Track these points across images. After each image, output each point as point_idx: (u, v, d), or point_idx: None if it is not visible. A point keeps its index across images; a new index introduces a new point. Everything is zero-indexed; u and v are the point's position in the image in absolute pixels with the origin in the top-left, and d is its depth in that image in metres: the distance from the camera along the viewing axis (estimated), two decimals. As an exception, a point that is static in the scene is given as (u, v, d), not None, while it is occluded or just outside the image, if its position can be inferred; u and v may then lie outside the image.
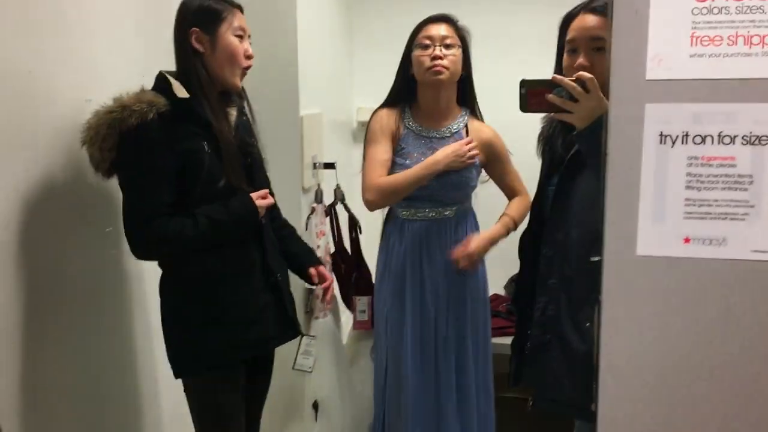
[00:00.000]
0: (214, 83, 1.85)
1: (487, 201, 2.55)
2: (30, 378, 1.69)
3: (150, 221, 1.74)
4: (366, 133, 2.41)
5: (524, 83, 1.57)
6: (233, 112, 1.96)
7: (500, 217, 2.42)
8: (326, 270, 2.20)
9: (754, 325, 1.13)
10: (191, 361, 1.90)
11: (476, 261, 2.33)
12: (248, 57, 1.91)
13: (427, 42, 2.26)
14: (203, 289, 1.87)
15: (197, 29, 1.82)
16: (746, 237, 1.10)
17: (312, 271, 2.16)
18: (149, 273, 2.18)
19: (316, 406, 2.74)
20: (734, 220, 1.10)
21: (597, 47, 1.74)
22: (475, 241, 2.32)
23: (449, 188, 2.28)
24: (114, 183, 1.82)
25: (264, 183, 2.05)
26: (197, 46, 1.82)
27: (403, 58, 2.38)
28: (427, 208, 2.33)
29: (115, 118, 1.69)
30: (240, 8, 1.91)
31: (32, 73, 1.67)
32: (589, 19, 1.77)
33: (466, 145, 2.27)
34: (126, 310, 2.14)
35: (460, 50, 2.29)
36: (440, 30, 2.27)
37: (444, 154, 2.26)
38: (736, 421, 1.16)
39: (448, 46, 2.26)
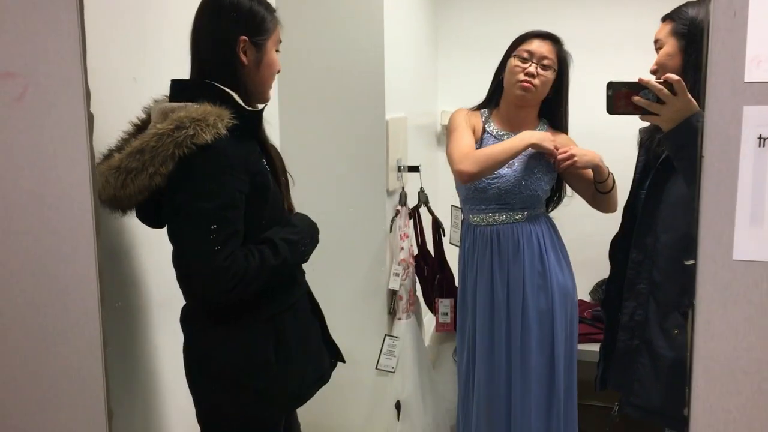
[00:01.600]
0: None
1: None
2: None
3: (228, 255, 1.47)
4: (449, 124, 2.43)
5: (611, 85, 1.57)
6: None
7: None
8: None
9: None
10: (258, 413, 1.64)
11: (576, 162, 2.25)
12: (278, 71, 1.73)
13: (526, 56, 2.26)
14: (275, 324, 1.65)
15: (246, 38, 1.58)
16: None
17: None
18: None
19: (398, 406, 2.77)
20: (837, 225, 1.08)
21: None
22: (578, 148, 2.27)
23: (521, 190, 2.27)
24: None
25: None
26: (242, 57, 1.59)
27: (500, 65, 2.38)
28: (497, 213, 2.32)
29: (187, 135, 1.44)
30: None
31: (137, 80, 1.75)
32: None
33: (560, 149, 2.25)
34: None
35: (554, 73, 2.28)
36: (542, 48, 2.26)
37: (538, 134, 2.26)
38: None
39: (544, 67, 2.25)
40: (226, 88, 1.55)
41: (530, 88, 2.25)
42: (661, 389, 1.85)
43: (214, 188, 1.48)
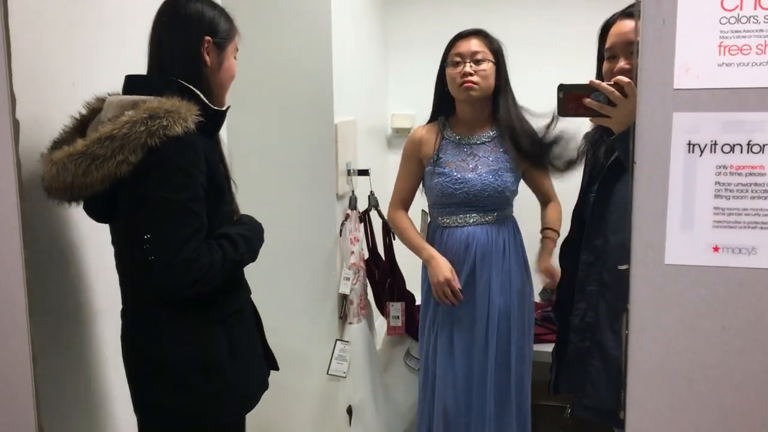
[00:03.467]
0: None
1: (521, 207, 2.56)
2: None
3: (195, 248, 1.47)
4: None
5: (562, 88, 1.57)
6: None
7: (543, 230, 2.43)
8: None
9: (785, 335, 1.12)
10: (208, 417, 1.62)
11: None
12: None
13: (458, 59, 2.30)
14: (226, 326, 1.64)
15: (210, 39, 1.61)
16: (776, 246, 1.09)
17: None
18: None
19: (350, 411, 2.76)
20: (764, 228, 1.10)
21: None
22: (548, 270, 2.36)
23: (489, 192, 2.30)
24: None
25: None
26: (206, 57, 1.61)
27: (438, 74, 2.41)
28: (467, 214, 2.35)
29: (161, 125, 1.43)
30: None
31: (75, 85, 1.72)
32: (627, 25, 1.78)
33: (453, 286, 2.32)
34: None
35: (491, 64, 2.30)
36: (470, 45, 2.30)
37: (436, 270, 2.34)
38: (765, 429, 1.15)
39: (478, 62, 2.28)
40: (191, 86, 1.56)
41: (472, 87, 2.28)
42: (613, 390, 1.87)
43: (183, 180, 1.48)
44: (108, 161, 1.42)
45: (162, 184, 1.46)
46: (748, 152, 1.08)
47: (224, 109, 1.67)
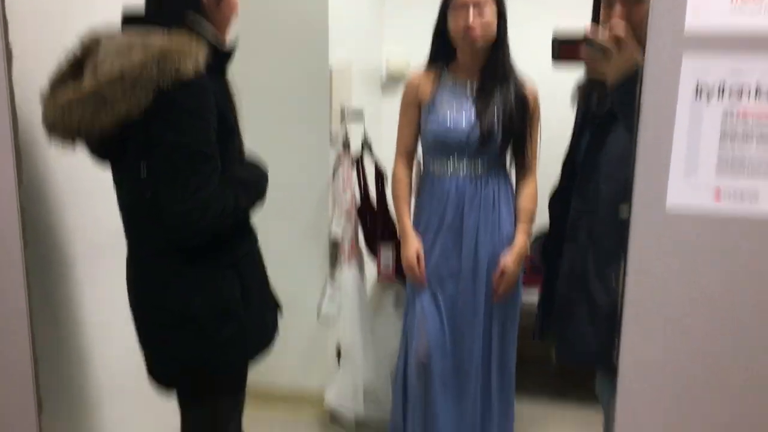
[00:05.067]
0: None
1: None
2: None
3: (211, 192, 1.44)
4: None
5: (557, 36, 1.54)
6: None
7: (518, 217, 2.39)
8: None
9: (782, 284, 1.12)
10: (225, 363, 1.61)
11: (514, 281, 2.35)
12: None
13: (460, 6, 2.22)
14: (238, 270, 1.60)
15: None
16: (779, 194, 1.08)
17: None
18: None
19: (339, 353, 2.78)
20: (767, 177, 1.09)
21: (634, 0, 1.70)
22: (509, 265, 2.33)
23: (474, 141, 2.27)
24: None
25: None
26: None
27: (438, 18, 2.34)
28: (458, 163, 2.32)
29: (174, 67, 1.37)
30: None
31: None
32: None
33: (418, 267, 2.34)
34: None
35: (493, 10, 2.24)
36: None
37: (404, 249, 2.37)
38: (758, 377, 1.17)
39: (480, 7, 2.21)
40: (202, 19, 1.49)
41: (476, 38, 2.22)
42: (598, 338, 1.89)
43: (197, 124, 1.43)
44: (118, 104, 1.37)
45: (175, 128, 1.41)
46: (756, 99, 1.07)
47: (231, 48, 1.60)
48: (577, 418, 2.90)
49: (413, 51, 2.65)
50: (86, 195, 1.93)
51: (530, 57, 2.35)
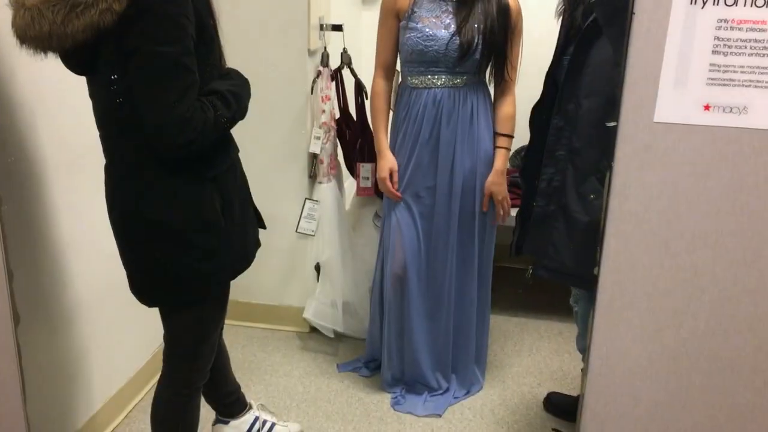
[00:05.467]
0: None
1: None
2: None
3: (189, 106, 1.38)
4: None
5: None
6: None
7: (497, 139, 2.36)
8: None
9: (765, 195, 1.13)
10: (207, 275, 1.58)
11: (505, 199, 2.36)
12: None
13: None
14: (219, 183, 1.57)
15: None
16: (768, 105, 1.08)
17: None
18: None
19: (318, 268, 2.79)
20: (758, 87, 1.08)
21: None
22: (494, 187, 2.32)
23: (453, 53, 2.22)
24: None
25: None
26: None
27: None
28: (436, 75, 2.28)
29: None
30: None
31: None
32: None
33: (389, 180, 2.35)
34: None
35: None
36: None
37: (379, 166, 2.38)
38: (734, 288, 1.19)
39: None
40: None
41: None
42: (574, 252, 1.91)
43: (174, 32, 1.34)
44: (90, 9, 1.28)
45: (152, 37, 1.33)
46: (751, 6, 1.04)
47: None
48: (549, 329, 2.98)
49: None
50: (58, 107, 1.88)
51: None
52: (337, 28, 2.71)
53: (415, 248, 2.38)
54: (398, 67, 2.44)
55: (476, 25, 2.20)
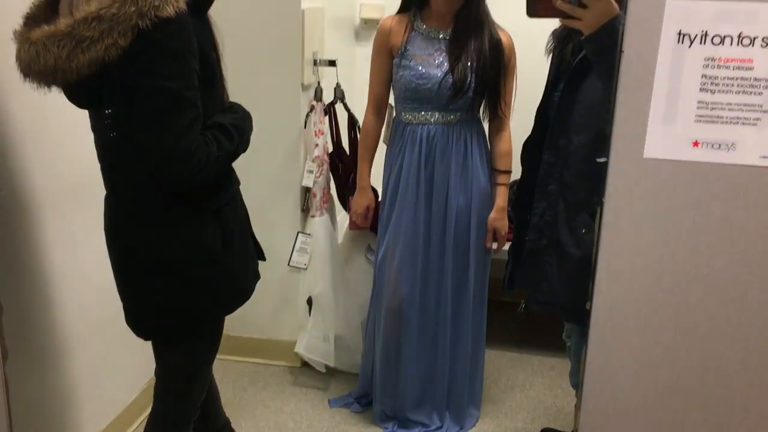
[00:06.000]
0: None
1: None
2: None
3: (193, 139, 1.39)
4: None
5: None
6: None
7: (496, 176, 2.38)
8: None
9: (754, 231, 1.13)
10: (205, 309, 1.59)
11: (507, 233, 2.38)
12: None
13: None
14: (220, 216, 1.57)
15: None
16: (756, 142, 1.09)
17: None
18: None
19: (309, 302, 2.78)
20: (746, 124, 1.09)
21: None
22: (497, 223, 2.34)
23: (446, 91, 2.23)
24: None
25: None
26: None
27: None
28: (430, 112, 2.30)
29: (153, 5, 1.29)
30: None
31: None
32: None
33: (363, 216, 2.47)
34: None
35: None
36: None
37: (358, 203, 2.49)
38: (726, 323, 1.19)
39: None
40: None
41: None
42: (567, 286, 1.92)
43: (178, 67, 1.36)
44: (96, 44, 1.29)
45: (155, 71, 1.35)
46: (738, 45, 1.06)
47: None
48: (542, 364, 2.96)
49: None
50: (52, 138, 1.88)
51: (504, 5, 2.31)
52: (331, 63, 2.73)
53: (411, 283, 2.37)
54: (392, 101, 2.46)
55: (469, 64, 2.22)
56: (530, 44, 2.30)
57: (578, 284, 1.85)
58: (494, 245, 2.38)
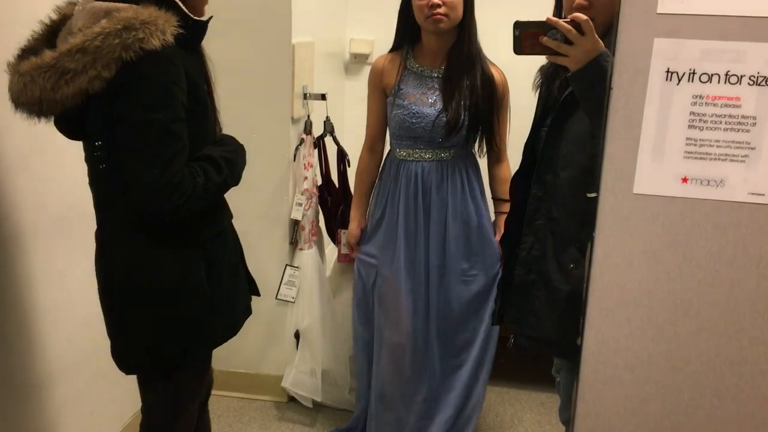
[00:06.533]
0: None
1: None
2: None
3: (177, 172, 1.39)
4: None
5: (518, 25, 1.52)
6: None
7: (495, 200, 2.40)
8: None
9: (744, 267, 1.14)
10: (191, 343, 1.58)
11: None
12: None
13: None
14: (207, 250, 1.56)
15: None
16: (745, 179, 1.10)
17: None
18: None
19: (297, 335, 2.76)
20: (734, 161, 1.10)
21: None
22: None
23: (440, 129, 2.25)
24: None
25: None
26: None
27: (402, 2, 2.31)
28: (424, 149, 2.31)
29: (137, 38, 1.31)
30: None
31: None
32: None
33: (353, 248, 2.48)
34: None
35: None
36: None
37: (351, 230, 2.48)
38: (718, 360, 1.18)
39: None
40: None
41: (441, 19, 2.18)
42: (556, 322, 1.91)
43: (163, 99, 1.37)
44: (79, 76, 1.31)
45: (140, 104, 1.36)
46: (725, 83, 1.07)
47: (206, 19, 1.53)
48: (531, 400, 2.94)
49: (377, 31, 2.60)
50: (38, 167, 1.87)
51: (493, 42, 2.34)
52: (321, 97, 2.75)
53: (409, 321, 2.36)
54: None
55: (462, 102, 2.24)
56: (518, 80, 2.33)
57: (567, 319, 1.85)
58: None
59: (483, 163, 2.45)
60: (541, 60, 1.88)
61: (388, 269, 2.37)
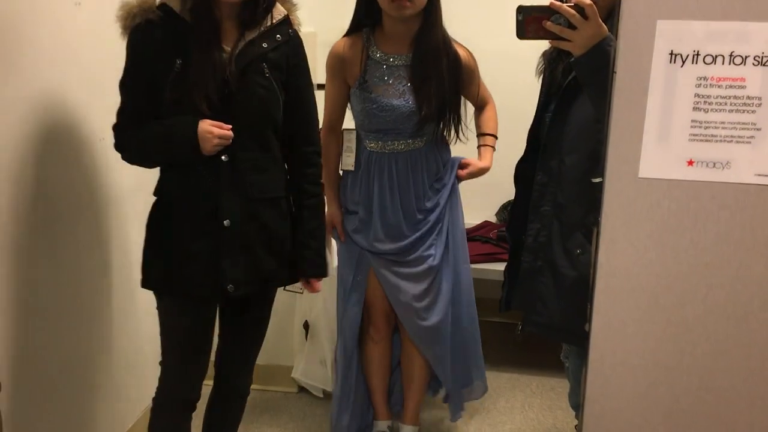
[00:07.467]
0: None
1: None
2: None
3: (124, 124, 1.75)
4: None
5: (521, 9, 1.51)
6: (250, 36, 1.77)
7: (480, 135, 2.36)
8: (318, 283, 2.08)
9: (752, 249, 1.13)
10: (145, 277, 1.83)
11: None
12: None
13: None
14: (157, 208, 1.81)
15: None
16: (750, 160, 1.09)
17: (302, 281, 2.06)
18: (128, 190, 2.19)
19: (306, 326, 2.77)
20: (739, 143, 1.09)
21: None
22: (472, 168, 2.33)
23: (412, 122, 2.19)
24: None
25: (257, 129, 1.80)
26: None
27: None
28: (395, 140, 2.25)
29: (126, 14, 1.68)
30: None
31: None
32: None
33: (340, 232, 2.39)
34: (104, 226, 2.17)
35: None
36: None
37: (331, 211, 2.35)
38: (726, 343, 1.18)
39: None
40: None
41: (405, 5, 2.06)
42: (563, 307, 1.91)
43: (126, 67, 1.74)
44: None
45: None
46: (730, 64, 1.07)
47: (170, 7, 1.70)
48: (541, 385, 2.94)
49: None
50: (42, 161, 1.87)
51: (495, 27, 2.30)
52: (322, 87, 2.73)
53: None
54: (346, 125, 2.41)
55: (432, 90, 2.16)
56: (521, 65, 2.31)
57: (574, 305, 1.85)
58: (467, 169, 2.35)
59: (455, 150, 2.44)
60: (544, 45, 1.87)
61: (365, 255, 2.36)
